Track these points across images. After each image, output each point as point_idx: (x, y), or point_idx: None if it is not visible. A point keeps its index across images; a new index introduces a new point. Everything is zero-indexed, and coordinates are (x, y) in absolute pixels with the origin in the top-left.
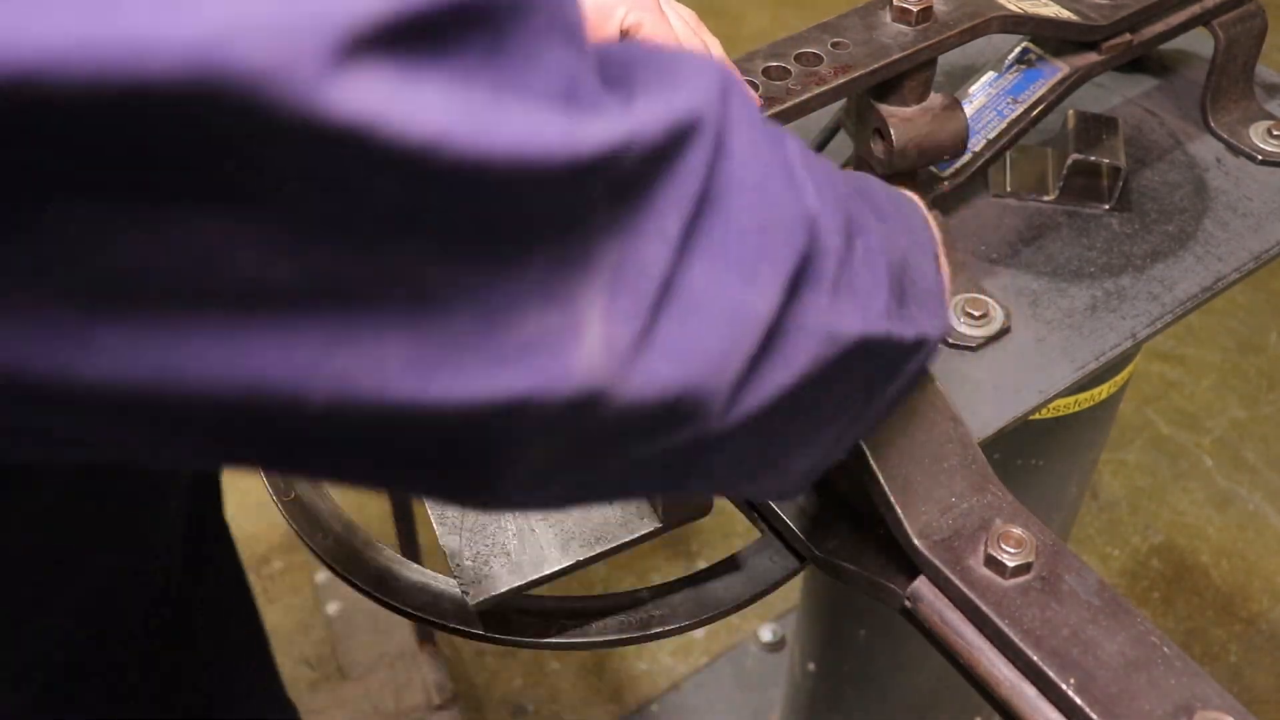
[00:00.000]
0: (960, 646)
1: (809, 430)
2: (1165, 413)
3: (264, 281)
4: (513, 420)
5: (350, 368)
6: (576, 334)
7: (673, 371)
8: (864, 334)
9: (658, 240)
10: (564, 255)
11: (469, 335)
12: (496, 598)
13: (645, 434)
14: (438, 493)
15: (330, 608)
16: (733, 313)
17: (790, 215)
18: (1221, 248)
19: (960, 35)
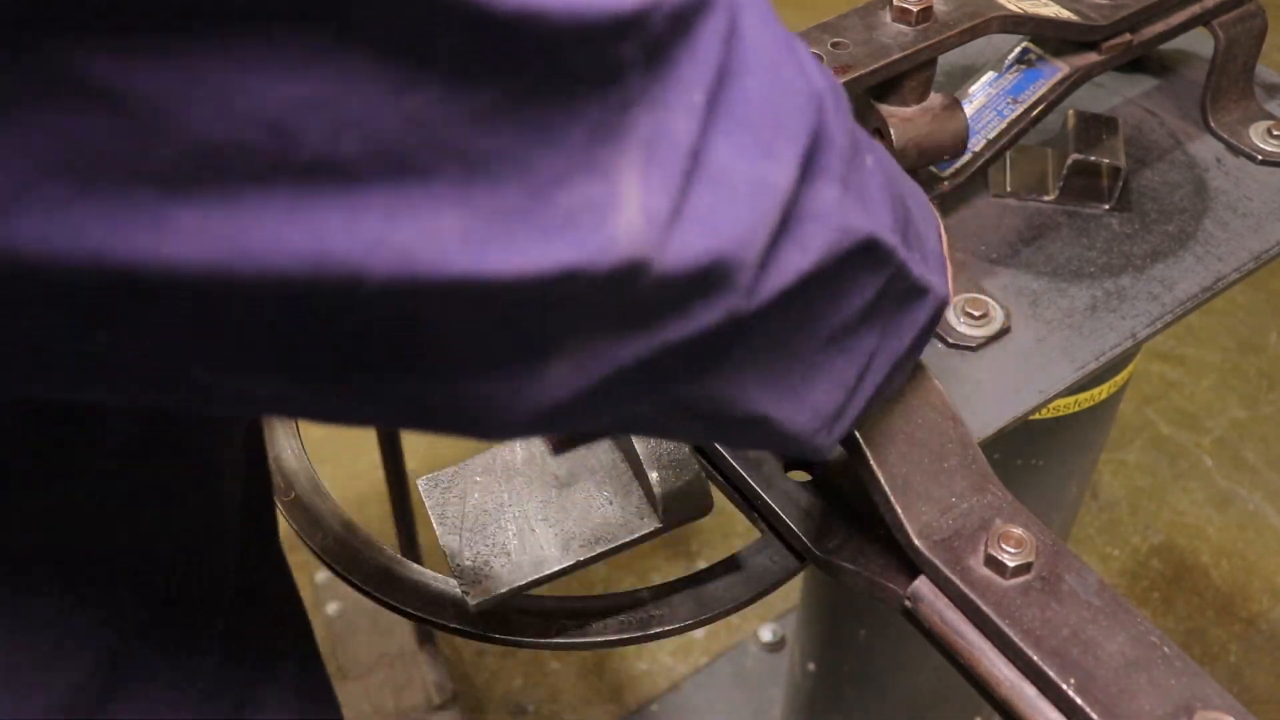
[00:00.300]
0: (960, 646)
1: (820, 355)
2: (1165, 413)
3: (332, 154)
4: (562, 293)
5: (410, 240)
6: (617, 205)
7: (706, 241)
8: (874, 234)
9: (685, 112)
10: (603, 123)
11: (518, 207)
12: (496, 598)
13: (680, 308)
14: (475, 403)
15: (330, 608)
16: (755, 185)
17: (801, 94)
18: (1221, 248)
19: (960, 35)
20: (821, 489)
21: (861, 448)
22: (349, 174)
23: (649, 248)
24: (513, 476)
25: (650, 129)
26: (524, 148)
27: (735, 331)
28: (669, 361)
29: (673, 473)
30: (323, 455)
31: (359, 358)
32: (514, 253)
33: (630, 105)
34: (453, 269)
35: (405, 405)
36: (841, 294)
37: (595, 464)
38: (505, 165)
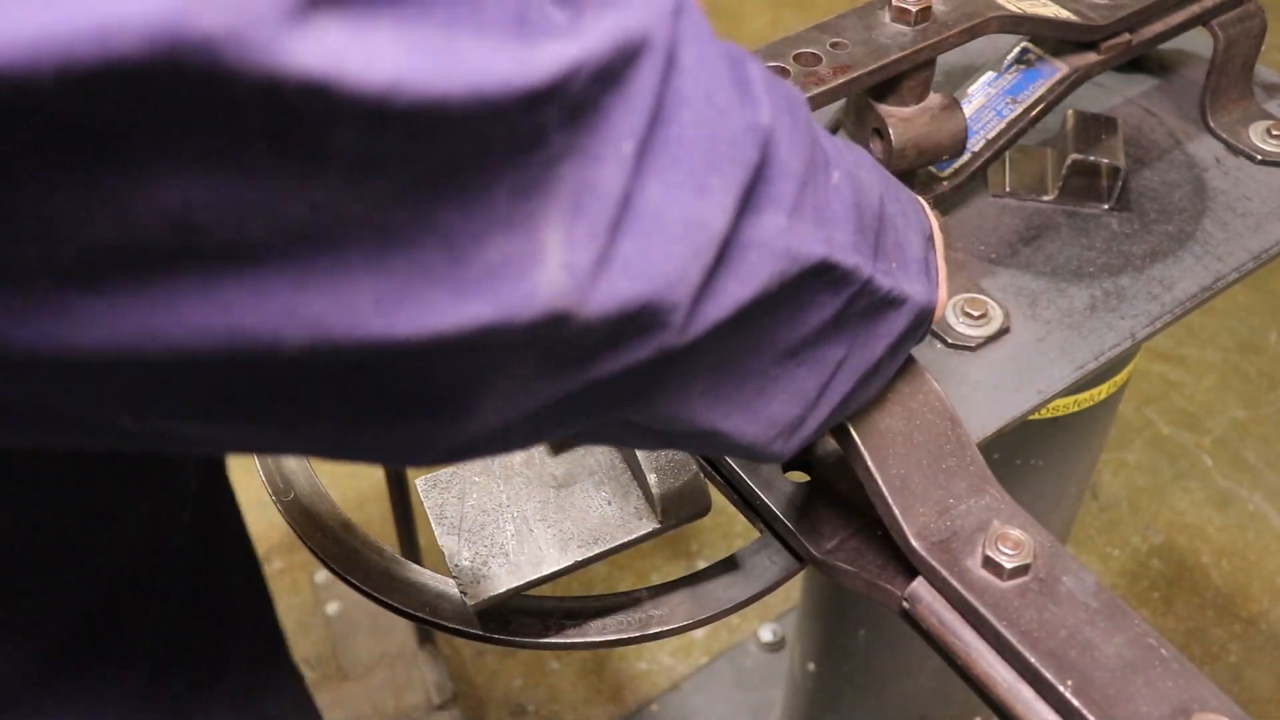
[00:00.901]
0: (958, 648)
1: (779, 368)
2: (1165, 413)
3: (237, 240)
4: (481, 348)
5: (322, 310)
6: (538, 259)
7: (633, 287)
8: (827, 258)
9: (613, 162)
10: (524, 183)
11: (435, 268)
12: (495, 598)
13: (608, 349)
14: (409, 439)
15: (330, 608)
16: (687, 225)
17: (739, 128)
18: (1221, 247)
19: (959, 35)
20: (820, 490)
21: (859, 449)
22: (256, 255)
23: (570, 299)
24: (511, 477)
25: (576, 181)
26: (441, 215)
27: (671, 362)
28: (603, 392)
29: (671, 473)
30: None
31: (283, 410)
32: (430, 313)
33: (554, 161)
34: (367, 332)
35: (332, 444)
36: (794, 315)
37: (594, 465)
38: (420, 231)
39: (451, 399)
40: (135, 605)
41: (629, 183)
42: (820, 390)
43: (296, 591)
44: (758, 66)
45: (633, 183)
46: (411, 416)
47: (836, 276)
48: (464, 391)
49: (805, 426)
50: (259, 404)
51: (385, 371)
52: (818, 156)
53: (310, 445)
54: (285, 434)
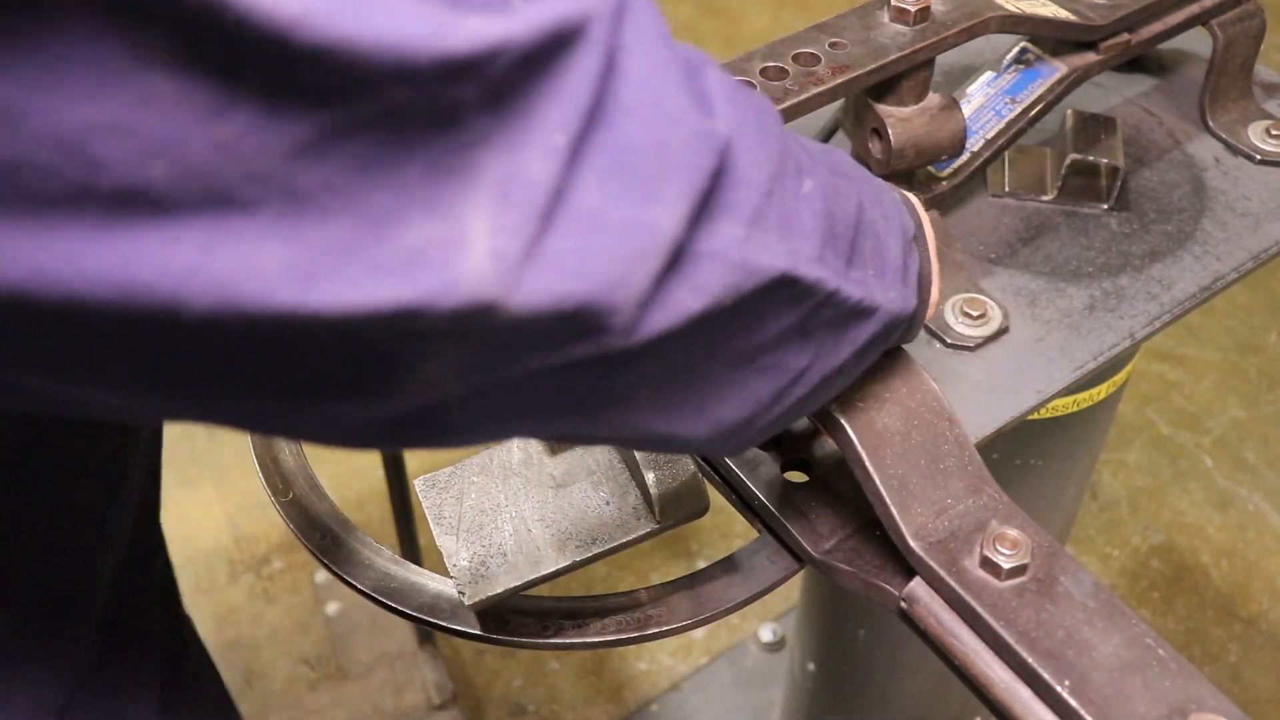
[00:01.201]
0: (955, 648)
1: (735, 375)
2: (1165, 413)
3: (139, 182)
4: (402, 330)
5: (229, 272)
6: (462, 245)
7: (567, 283)
8: (788, 271)
9: (544, 154)
10: (443, 162)
11: (350, 243)
12: (493, 598)
13: (545, 344)
14: (334, 417)
15: (330, 608)
16: (631, 229)
17: (693, 136)
18: (1220, 247)
19: (958, 35)
20: (818, 490)
21: (857, 449)
22: (160, 202)
23: (497, 289)
24: (509, 477)
25: (502, 170)
26: (353, 183)
27: (613, 366)
28: (542, 389)
29: (669, 473)
30: (322, 455)
31: (194, 379)
32: (344, 288)
33: (474, 146)
34: (276, 301)
35: (256, 418)
36: (750, 325)
37: (592, 465)
38: (334, 199)
39: (376, 379)
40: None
41: (562, 177)
42: (775, 396)
43: (296, 591)
44: (717, 74)
45: (566, 178)
46: (334, 395)
47: (798, 290)
48: (389, 373)
49: (754, 428)
50: (167, 370)
51: (303, 346)
52: (786, 166)
53: (234, 419)
54: (202, 406)
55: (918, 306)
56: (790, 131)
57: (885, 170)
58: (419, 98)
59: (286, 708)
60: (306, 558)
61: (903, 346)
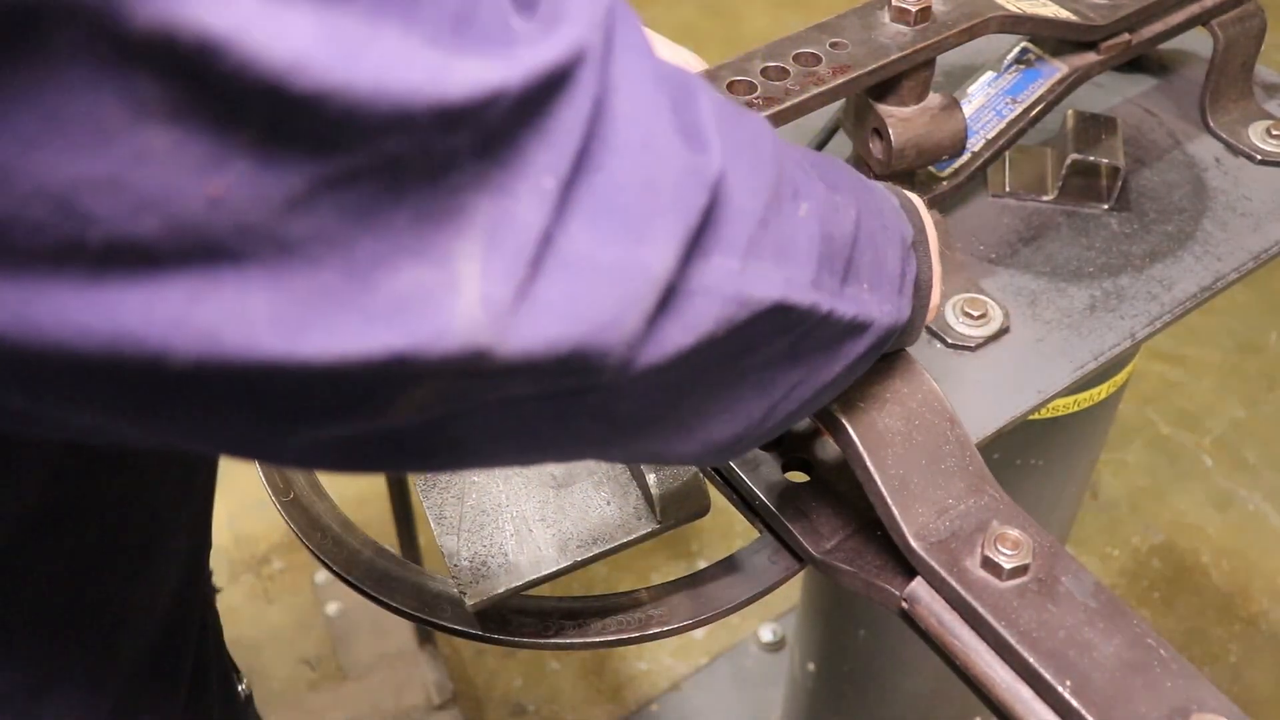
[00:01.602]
0: (956, 648)
1: (726, 395)
2: (1165, 413)
3: (129, 236)
4: (392, 376)
5: (216, 322)
6: (453, 290)
7: (560, 328)
8: (782, 300)
9: (534, 198)
10: (433, 208)
11: (339, 291)
12: (494, 599)
13: (534, 383)
14: (317, 440)
15: (330, 608)
16: (622, 271)
17: (683, 173)
18: (1220, 247)
19: (959, 35)
20: (819, 490)
21: (858, 449)
22: (149, 255)
23: (489, 335)
24: (510, 477)
25: (492, 215)
26: (342, 231)
27: (600, 397)
28: (522, 412)
29: (670, 473)
30: None
31: (179, 415)
32: (333, 336)
33: (463, 190)
34: (263, 350)
35: (233, 444)
36: (742, 352)
37: (593, 465)
38: (323, 249)
39: (358, 411)
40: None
41: (551, 221)
42: (766, 412)
43: (296, 591)
44: (710, 102)
45: (556, 222)
46: (314, 427)
47: (792, 317)
48: (374, 405)
49: (743, 443)
50: (152, 407)
51: (293, 392)
52: (783, 191)
53: (216, 447)
54: (186, 436)
55: (916, 312)
56: (787, 148)
57: (886, 170)
58: (413, 147)
59: (286, 708)
60: (306, 558)
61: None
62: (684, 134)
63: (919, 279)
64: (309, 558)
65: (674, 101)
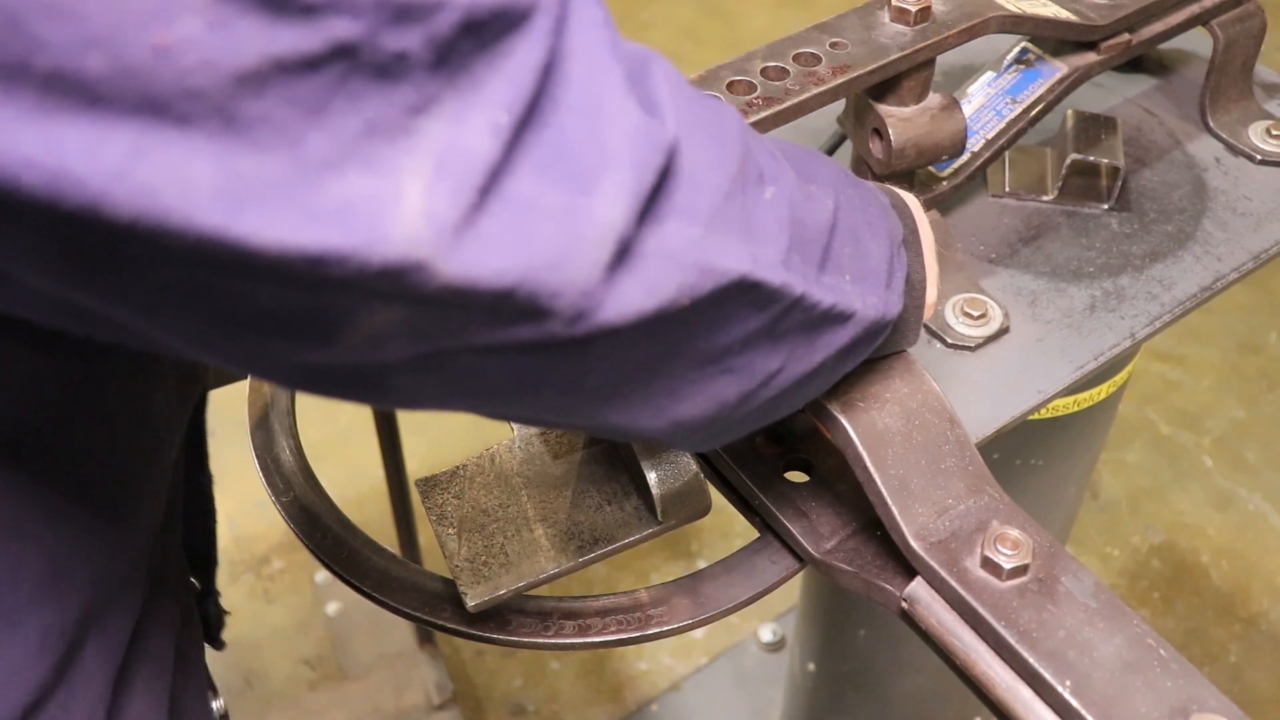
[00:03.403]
0: (956, 648)
1: (694, 374)
2: (1165, 413)
3: (77, 70)
4: (330, 278)
5: (157, 181)
6: (395, 202)
7: (502, 260)
8: (748, 275)
9: (487, 130)
10: (385, 121)
11: (281, 180)
12: (495, 599)
13: (489, 321)
14: (265, 352)
15: (330, 608)
16: (567, 216)
17: (636, 135)
18: (1220, 247)
19: (959, 35)
20: (819, 490)
21: (858, 449)
22: (95, 95)
23: (429, 250)
24: (511, 477)
25: (445, 140)
26: (292, 123)
27: (560, 353)
28: (485, 365)
29: (671, 474)
30: (322, 455)
31: (128, 289)
32: (270, 223)
33: (419, 111)
34: (203, 221)
35: (182, 337)
36: (712, 327)
37: (593, 465)
38: (270, 135)
39: (309, 326)
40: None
41: (501, 157)
42: (742, 397)
43: (296, 591)
44: (668, 78)
45: (505, 160)
46: (264, 331)
47: (762, 294)
48: (323, 323)
49: (718, 426)
50: (98, 270)
51: (230, 275)
52: (748, 172)
53: (170, 336)
54: (144, 317)
55: (910, 311)
56: (756, 135)
57: (886, 170)
58: (363, 34)
59: (286, 708)
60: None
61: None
62: (638, 101)
63: (911, 277)
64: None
65: (629, 71)
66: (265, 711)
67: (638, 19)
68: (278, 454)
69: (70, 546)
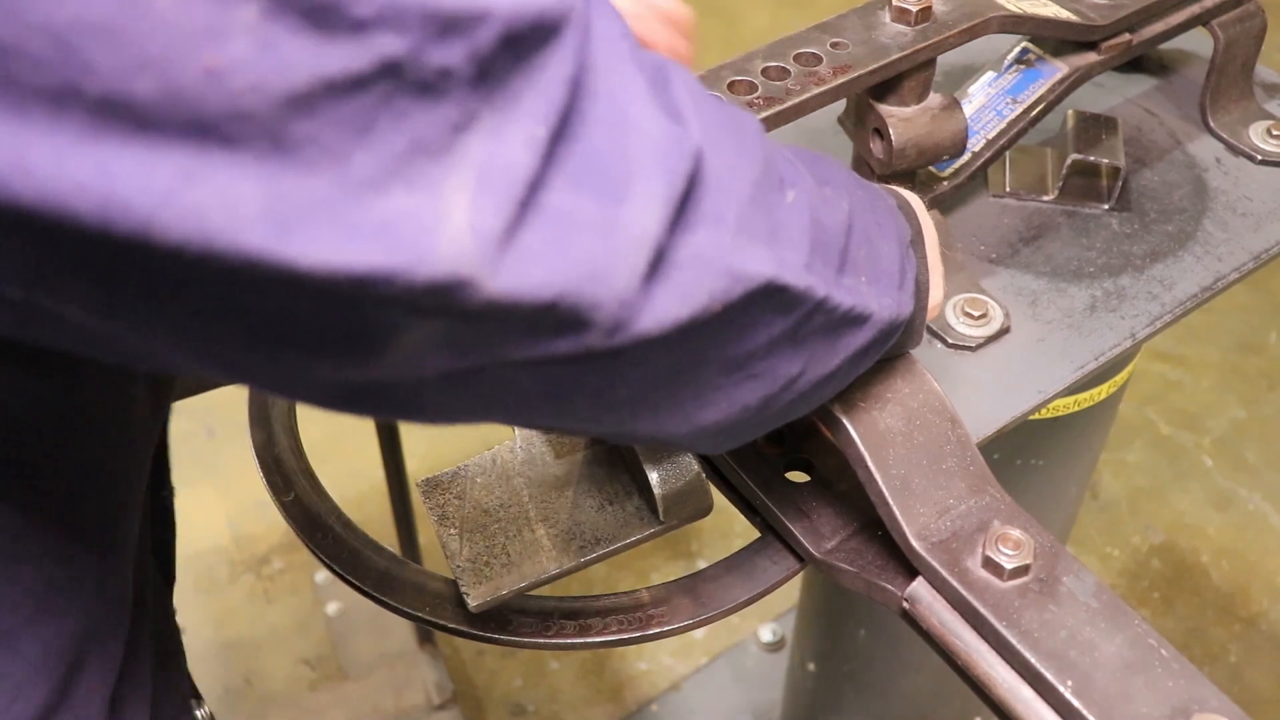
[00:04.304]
0: (958, 648)
1: (721, 380)
2: (1165, 413)
3: (125, 93)
4: (376, 296)
5: (205, 204)
6: (440, 219)
7: (545, 274)
8: (775, 278)
9: (525, 144)
10: (428, 139)
11: (329, 201)
12: (497, 599)
13: (525, 335)
14: (309, 371)
15: (330, 608)
16: (603, 227)
17: (664, 143)
18: (1221, 248)
19: (959, 35)
20: (820, 490)
21: (860, 449)
22: (145, 119)
23: (475, 266)
24: (512, 477)
25: (485, 155)
26: (340, 142)
27: (595, 366)
28: (520, 379)
29: (672, 474)
30: (323, 455)
31: (168, 310)
32: (319, 243)
33: (460, 128)
34: (250, 243)
35: (216, 359)
36: (740, 334)
37: (595, 465)
38: (319, 155)
39: (350, 343)
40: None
41: (540, 170)
42: (764, 402)
43: (296, 592)
44: (688, 87)
45: (543, 173)
46: (305, 349)
47: (788, 298)
48: (365, 339)
49: (740, 428)
50: (142, 297)
51: (275, 296)
52: (769, 177)
53: (203, 359)
54: (173, 339)
55: (915, 311)
56: (774, 143)
57: (887, 170)
58: (409, 51)
59: (286, 708)
60: (307, 557)
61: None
62: (662, 109)
63: (918, 278)
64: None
65: (650, 82)
66: (265, 711)
67: None
68: (278, 454)
69: (64, 566)
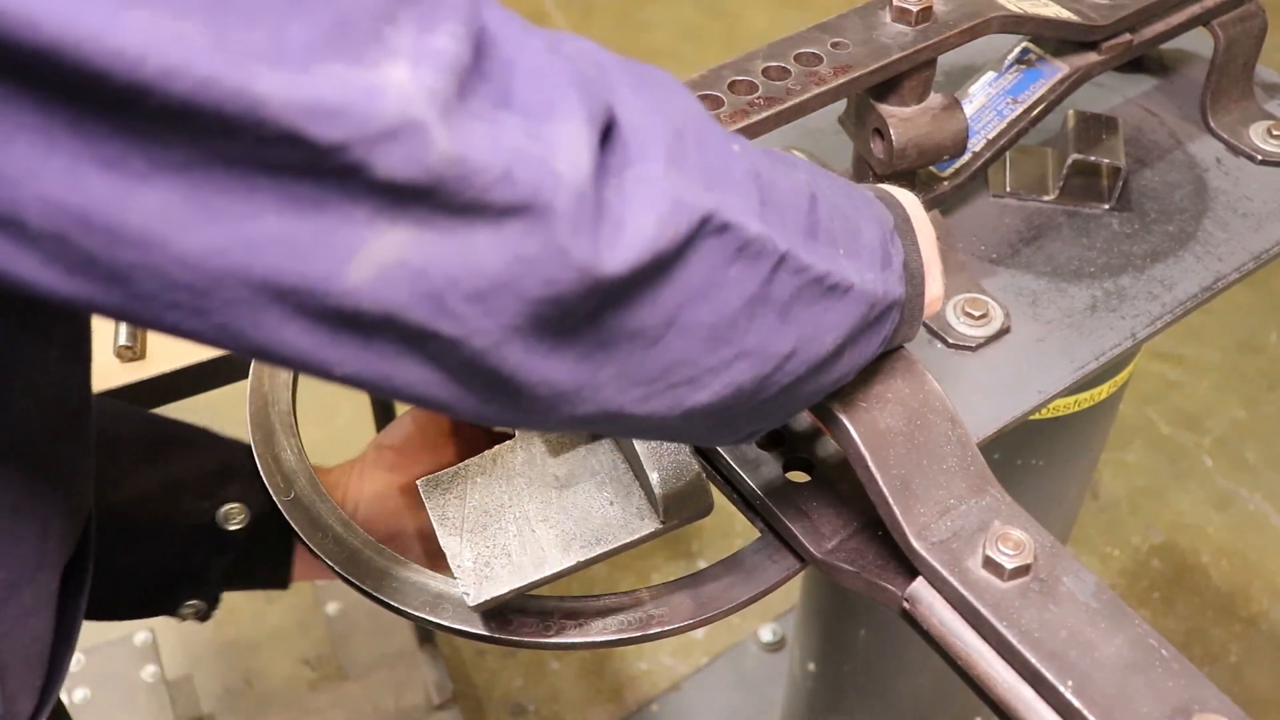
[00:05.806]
0: (958, 648)
1: (709, 356)
2: (1165, 413)
3: None
4: (332, 137)
5: (148, 36)
6: (385, 81)
7: (491, 144)
8: (716, 212)
9: (450, 36)
10: (353, 19)
11: (270, 51)
12: (498, 599)
13: (490, 223)
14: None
15: (330, 608)
16: (535, 136)
17: (573, 79)
18: (1221, 248)
19: (960, 35)
20: (820, 490)
21: (860, 449)
22: None
23: (424, 110)
24: (513, 477)
25: (412, 43)
26: (274, 2)
27: (594, 301)
28: (499, 305)
29: (673, 473)
30: (322, 455)
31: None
32: (269, 79)
33: (385, 19)
34: (202, 66)
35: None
36: (708, 289)
37: (596, 465)
38: (256, 8)
39: (324, 209)
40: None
41: (470, 61)
42: (757, 382)
43: (296, 591)
44: (583, 46)
45: (474, 64)
46: (283, 213)
47: (745, 246)
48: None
49: (731, 414)
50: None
51: (252, 130)
52: (704, 122)
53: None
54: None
55: (910, 297)
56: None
57: (887, 170)
58: None
59: (286, 708)
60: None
61: (904, 346)
62: (558, 57)
63: (909, 265)
64: None
65: (547, 42)
66: (265, 711)
67: (636, 19)
68: (278, 453)
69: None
